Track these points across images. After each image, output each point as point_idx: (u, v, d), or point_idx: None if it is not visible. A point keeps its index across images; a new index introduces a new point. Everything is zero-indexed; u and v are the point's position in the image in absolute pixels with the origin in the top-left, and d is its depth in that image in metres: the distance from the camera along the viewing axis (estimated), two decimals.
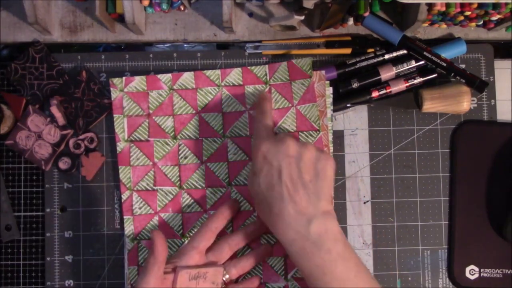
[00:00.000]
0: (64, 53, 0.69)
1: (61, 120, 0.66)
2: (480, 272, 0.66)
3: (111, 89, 0.66)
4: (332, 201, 0.62)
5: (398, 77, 0.67)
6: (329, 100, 0.65)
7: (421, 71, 0.67)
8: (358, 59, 0.66)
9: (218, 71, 0.66)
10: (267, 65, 0.66)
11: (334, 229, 0.54)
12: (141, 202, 0.65)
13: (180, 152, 0.66)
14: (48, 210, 0.67)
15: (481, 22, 0.66)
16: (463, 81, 0.65)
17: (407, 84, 0.66)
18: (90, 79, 0.67)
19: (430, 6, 0.61)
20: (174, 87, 0.66)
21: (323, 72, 0.65)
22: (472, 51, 0.68)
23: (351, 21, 0.66)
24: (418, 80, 0.66)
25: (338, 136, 0.67)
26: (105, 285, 0.66)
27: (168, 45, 0.69)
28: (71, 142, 0.67)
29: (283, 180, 0.54)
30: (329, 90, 0.65)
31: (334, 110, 0.66)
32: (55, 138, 0.67)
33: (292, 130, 0.64)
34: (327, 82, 0.65)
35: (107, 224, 0.67)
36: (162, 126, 0.66)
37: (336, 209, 0.66)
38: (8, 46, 0.69)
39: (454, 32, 0.68)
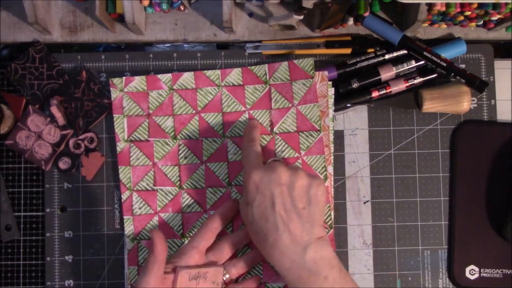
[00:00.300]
0: (64, 53, 0.69)
1: (61, 120, 0.66)
2: (480, 272, 0.66)
3: (111, 89, 0.66)
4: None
5: (398, 77, 0.67)
6: (331, 100, 0.65)
7: (421, 71, 0.67)
8: (358, 59, 0.66)
9: (218, 71, 0.66)
10: (266, 65, 0.66)
11: (329, 255, 0.55)
12: (141, 202, 0.65)
13: (180, 152, 0.66)
14: (48, 210, 0.67)
15: (481, 22, 0.66)
16: (463, 81, 0.65)
17: (407, 84, 0.66)
18: (90, 79, 0.67)
19: (430, 6, 0.61)
20: (174, 87, 0.66)
21: (325, 72, 0.65)
22: (472, 51, 0.68)
23: (351, 21, 0.66)
24: (418, 80, 0.66)
25: (338, 136, 0.67)
26: (105, 285, 0.66)
27: (168, 45, 0.69)
28: (71, 142, 0.67)
29: (276, 210, 0.54)
30: (331, 91, 0.65)
31: (334, 110, 0.66)
32: (55, 138, 0.67)
33: (292, 131, 0.64)
34: (330, 82, 0.65)
35: (107, 224, 0.67)
36: (162, 126, 0.66)
37: (336, 209, 0.66)
38: (8, 46, 0.69)
39: (454, 32, 0.68)
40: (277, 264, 0.55)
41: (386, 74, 0.66)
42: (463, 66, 0.68)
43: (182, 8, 0.68)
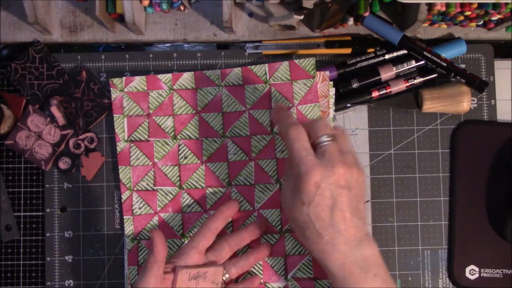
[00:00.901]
0: (64, 53, 0.69)
1: (61, 120, 0.66)
2: (480, 272, 0.66)
3: (111, 89, 0.66)
4: None
5: (398, 77, 0.67)
6: (332, 100, 0.65)
7: (421, 71, 0.67)
8: (358, 59, 0.66)
9: (218, 71, 0.66)
10: (267, 64, 0.66)
11: (377, 252, 0.55)
12: (141, 202, 0.65)
13: (180, 152, 0.66)
14: (48, 210, 0.67)
15: (481, 22, 0.66)
16: (463, 81, 0.65)
17: (407, 84, 0.66)
18: (90, 79, 0.67)
19: (430, 6, 0.61)
20: (174, 87, 0.66)
21: (326, 72, 0.65)
22: (472, 51, 0.68)
23: (351, 21, 0.66)
24: (418, 80, 0.66)
25: None
26: (105, 285, 0.66)
27: (168, 45, 0.69)
28: (71, 142, 0.67)
29: (335, 211, 0.54)
30: (332, 91, 0.65)
31: (334, 110, 0.66)
32: (55, 138, 0.67)
33: None
34: (331, 82, 0.65)
35: (107, 224, 0.67)
36: (162, 126, 0.66)
37: None
38: (8, 46, 0.69)
39: (454, 32, 0.68)
40: (329, 260, 0.54)
41: (386, 74, 0.66)
42: (463, 66, 0.68)
43: (182, 8, 0.68)
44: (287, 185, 0.57)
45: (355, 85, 0.66)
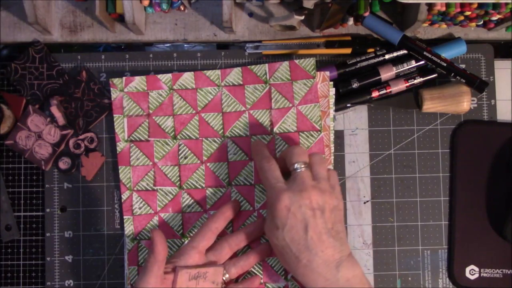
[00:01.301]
0: (64, 53, 0.69)
1: (61, 120, 0.66)
2: (480, 272, 0.66)
3: (111, 89, 0.66)
4: None
5: (398, 77, 0.67)
6: (332, 100, 0.65)
7: (421, 71, 0.67)
8: (358, 59, 0.66)
9: (218, 71, 0.66)
10: (267, 64, 0.66)
11: (360, 273, 0.55)
12: (141, 202, 0.65)
13: (180, 152, 0.66)
14: (48, 210, 0.67)
15: (481, 22, 0.66)
16: (463, 81, 0.65)
17: (407, 84, 0.66)
18: (90, 79, 0.67)
19: (430, 6, 0.61)
20: (174, 87, 0.66)
21: (327, 72, 0.65)
22: (472, 51, 0.68)
23: (351, 21, 0.66)
24: (418, 80, 0.66)
25: (338, 136, 0.67)
26: (105, 285, 0.66)
27: (168, 45, 0.69)
28: (71, 142, 0.67)
29: (309, 232, 0.55)
30: (332, 91, 0.65)
31: (334, 110, 0.66)
32: (55, 138, 0.67)
33: (292, 130, 0.64)
34: (331, 82, 0.65)
35: (107, 224, 0.67)
36: (162, 126, 0.66)
37: None
38: (8, 46, 0.69)
39: (454, 32, 0.68)
40: (310, 283, 0.55)
41: (386, 74, 0.66)
42: (463, 66, 0.68)
43: (182, 8, 0.68)
44: (267, 214, 0.59)
45: (355, 85, 0.66)
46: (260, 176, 0.61)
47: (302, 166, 0.58)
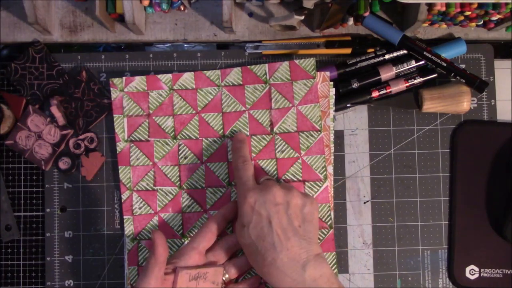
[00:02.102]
0: (64, 53, 0.69)
1: (61, 120, 0.66)
2: (480, 272, 0.66)
3: (111, 89, 0.66)
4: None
5: (398, 77, 0.67)
6: (332, 100, 0.65)
7: (421, 71, 0.67)
8: (358, 59, 0.66)
9: (218, 71, 0.66)
10: (267, 64, 0.66)
11: (328, 272, 0.55)
12: (141, 202, 0.65)
13: (180, 152, 0.66)
14: (48, 210, 0.67)
15: (481, 22, 0.66)
16: (463, 81, 0.65)
17: (407, 84, 0.66)
18: (90, 79, 0.67)
19: (430, 6, 0.61)
20: (174, 87, 0.66)
21: (327, 73, 0.65)
22: (472, 51, 0.68)
23: (351, 21, 0.66)
24: (418, 80, 0.66)
25: (338, 136, 0.67)
26: (105, 285, 0.66)
27: (168, 45, 0.69)
28: (71, 142, 0.67)
29: (273, 229, 0.55)
30: (332, 91, 0.65)
31: (334, 110, 0.66)
32: (55, 138, 0.67)
33: (292, 130, 0.64)
34: (331, 83, 0.65)
35: (107, 224, 0.67)
36: (162, 126, 0.66)
37: (336, 209, 0.67)
38: (8, 46, 0.69)
39: (454, 32, 0.68)
40: (276, 283, 0.55)
41: (386, 74, 0.66)
42: (463, 66, 0.68)
43: (182, 8, 0.68)
44: (238, 216, 0.60)
45: (355, 85, 0.66)
46: (234, 175, 0.62)
47: (270, 178, 0.61)
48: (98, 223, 0.67)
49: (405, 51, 0.66)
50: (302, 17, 0.62)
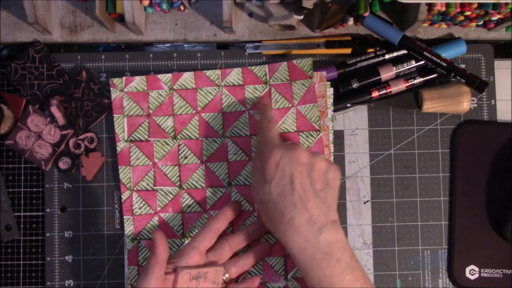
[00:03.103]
0: (64, 53, 0.69)
1: (61, 120, 0.66)
2: (480, 272, 0.66)
3: (111, 89, 0.66)
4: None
5: (398, 77, 0.67)
6: (330, 100, 0.65)
7: (421, 71, 0.67)
8: (358, 59, 0.66)
9: (218, 71, 0.66)
10: (267, 65, 0.66)
11: (343, 239, 0.55)
12: (141, 202, 0.65)
13: (180, 152, 0.66)
14: (48, 210, 0.67)
15: (481, 22, 0.66)
16: (463, 81, 0.65)
17: (407, 84, 0.66)
18: (90, 79, 0.67)
19: (430, 6, 0.61)
20: (174, 87, 0.66)
21: (324, 73, 0.65)
22: (472, 51, 0.68)
23: (351, 21, 0.66)
24: (418, 80, 0.66)
25: (338, 136, 0.67)
26: (105, 285, 0.66)
27: (168, 45, 0.69)
28: (71, 142, 0.67)
29: (295, 188, 0.55)
30: (330, 91, 0.65)
31: (334, 110, 0.66)
32: (55, 138, 0.67)
33: (292, 130, 0.64)
34: (328, 82, 0.65)
35: (107, 224, 0.67)
36: (162, 126, 0.66)
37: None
38: (8, 46, 0.69)
39: (454, 32, 0.68)
40: (291, 242, 0.55)
41: (386, 74, 0.66)
42: (463, 66, 0.68)
43: (182, 8, 0.68)
44: (255, 169, 0.60)
45: (355, 85, 0.66)
46: (258, 133, 0.62)
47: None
48: (98, 223, 0.67)
49: (405, 51, 0.66)
50: (302, 17, 0.62)
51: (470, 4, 0.60)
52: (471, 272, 0.66)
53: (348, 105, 0.66)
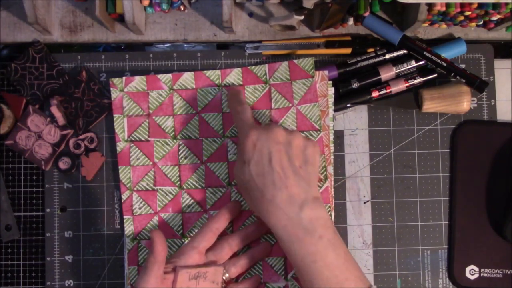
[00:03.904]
0: (64, 53, 0.69)
1: (61, 120, 0.66)
2: (480, 272, 0.66)
3: (111, 89, 0.66)
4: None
5: (398, 77, 0.67)
6: (331, 100, 0.65)
7: (421, 71, 0.67)
8: (359, 59, 0.66)
9: (218, 71, 0.66)
10: (266, 65, 0.66)
11: (325, 216, 0.55)
12: (141, 202, 0.65)
13: (180, 152, 0.66)
14: (48, 210, 0.67)
15: (481, 22, 0.66)
16: (463, 81, 0.65)
17: (407, 84, 0.66)
18: (90, 79, 0.67)
19: (430, 6, 0.61)
20: (174, 87, 0.66)
21: (325, 72, 0.65)
22: (472, 51, 0.68)
23: (351, 21, 0.66)
24: (418, 80, 0.66)
25: (338, 136, 0.68)
26: (105, 285, 0.66)
27: (168, 45, 0.69)
28: (71, 142, 0.67)
29: (274, 166, 0.55)
30: (331, 90, 0.65)
31: (334, 110, 0.66)
32: (55, 138, 0.67)
33: None
34: (330, 82, 0.65)
35: (107, 224, 0.67)
36: (162, 126, 0.66)
37: (336, 209, 0.67)
38: (8, 46, 0.69)
39: (454, 32, 0.68)
40: (273, 221, 0.55)
41: (386, 74, 0.66)
42: (463, 66, 0.68)
43: (182, 8, 0.68)
44: (237, 155, 0.60)
45: (355, 85, 0.66)
46: (233, 120, 0.62)
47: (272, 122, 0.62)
48: (98, 223, 0.67)
49: (405, 51, 0.66)
50: (302, 17, 0.62)
51: (470, 4, 0.60)
52: (471, 272, 0.66)
53: (348, 105, 0.66)
